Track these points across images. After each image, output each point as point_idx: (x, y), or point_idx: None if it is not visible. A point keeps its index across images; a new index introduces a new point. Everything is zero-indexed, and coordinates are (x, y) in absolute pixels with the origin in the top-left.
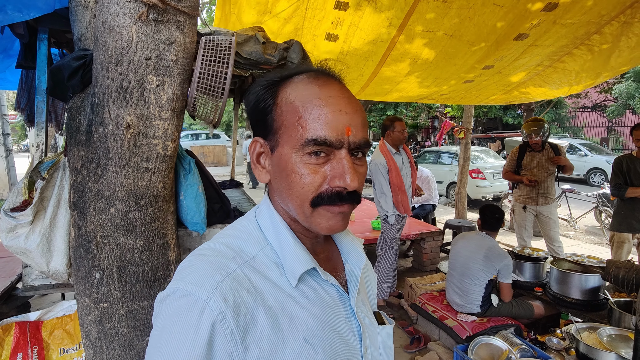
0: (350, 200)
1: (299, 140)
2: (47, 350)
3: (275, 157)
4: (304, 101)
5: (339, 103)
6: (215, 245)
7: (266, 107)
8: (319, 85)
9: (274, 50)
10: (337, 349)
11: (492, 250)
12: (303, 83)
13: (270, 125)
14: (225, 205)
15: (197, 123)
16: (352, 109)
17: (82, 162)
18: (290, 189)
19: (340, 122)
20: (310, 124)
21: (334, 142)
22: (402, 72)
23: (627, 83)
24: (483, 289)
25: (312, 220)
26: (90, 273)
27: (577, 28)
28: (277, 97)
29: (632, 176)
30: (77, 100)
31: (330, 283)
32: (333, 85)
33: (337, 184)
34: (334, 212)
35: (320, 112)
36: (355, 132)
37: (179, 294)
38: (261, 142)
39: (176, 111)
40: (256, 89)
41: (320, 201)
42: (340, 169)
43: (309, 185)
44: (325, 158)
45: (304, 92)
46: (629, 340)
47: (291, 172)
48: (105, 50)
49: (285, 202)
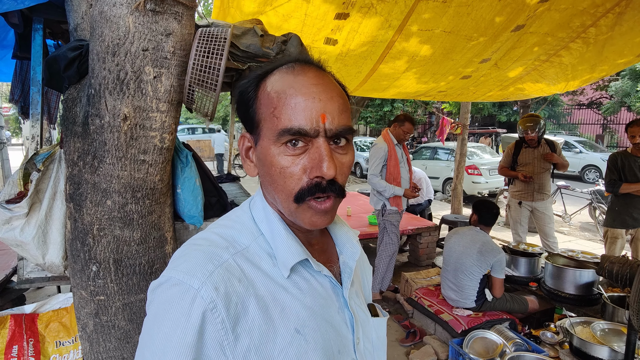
0: (331, 192)
1: (275, 130)
2: (43, 342)
3: (258, 150)
4: (278, 91)
5: (313, 90)
6: (209, 235)
7: (248, 101)
8: (294, 74)
9: (272, 43)
10: (329, 340)
11: (486, 245)
12: (280, 74)
13: (253, 119)
14: (222, 199)
15: (193, 117)
16: (326, 96)
17: (79, 154)
18: (273, 182)
19: (314, 110)
20: (284, 113)
21: (308, 131)
22: (400, 69)
23: (622, 81)
24: (477, 283)
25: (297, 216)
26: (87, 266)
27: (571, 16)
28: (259, 90)
29: (626, 172)
30: (73, 92)
31: (323, 274)
32: (308, 72)
33: (315, 174)
34: (317, 210)
35: (294, 101)
36: (331, 118)
37: (170, 283)
38: (248, 137)
39: (173, 103)
40: (242, 83)
41: (302, 196)
42: (317, 157)
43: (289, 178)
44: (303, 148)
45: (279, 83)
46: (622, 334)
47: (271, 165)
48: (102, 40)
49: (272, 195)
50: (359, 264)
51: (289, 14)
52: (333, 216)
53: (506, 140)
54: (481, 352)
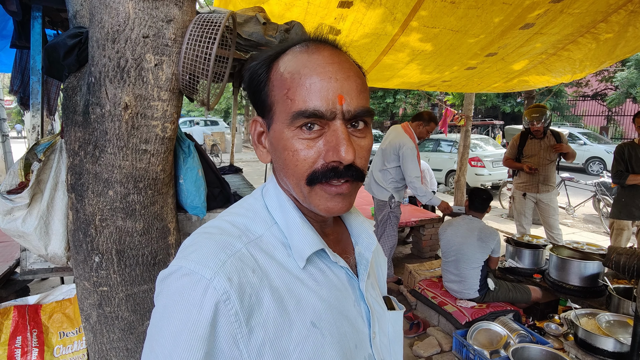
0: (348, 176)
1: (288, 113)
2: (47, 333)
3: (271, 134)
4: (292, 72)
5: (329, 70)
6: (221, 223)
7: (259, 84)
8: (308, 53)
9: (275, 32)
10: (346, 334)
11: (484, 230)
12: (293, 54)
13: (264, 102)
14: (225, 190)
15: (195, 109)
16: (343, 75)
17: (79, 143)
18: (285, 166)
19: (330, 90)
20: (299, 95)
21: (324, 113)
22: (404, 60)
23: (629, 71)
24: (479, 272)
25: (311, 200)
26: (90, 256)
27: (583, 17)
28: (271, 72)
29: (633, 163)
30: (73, 80)
31: (339, 265)
32: (323, 51)
33: (332, 158)
34: (332, 193)
35: (309, 81)
36: (349, 99)
37: (181, 272)
38: (260, 121)
39: (175, 92)
40: (251, 65)
41: (315, 178)
42: (334, 141)
43: (302, 161)
44: (319, 131)
45: (293, 63)
46: (628, 326)
47: (284, 149)
48: (102, 27)
49: (284, 181)
50: (374, 255)
51: (291, 2)
52: (351, 202)
53: (510, 132)
54: (485, 344)
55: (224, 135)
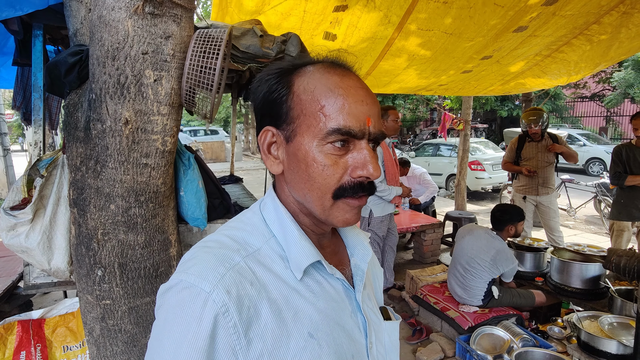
0: (369, 191)
1: (322, 129)
2: (50, 348)
3: (293, 147)
4: (324, 90)
5: (360, 94)
6: (219, 238)
7: (280, 96)
8: (339, 75)
9: (272, 44)
10: (342, 344)
11: (501, 254)
12: (321, 72)
13: (285, 114)
14: (225, 200)
15: (194, 119)
16: (371, 100)
17: (81, 159)
18: (310, 179)
19: (362, 113)
20: (334, 113)
21: (357, 132)
22: (401, 66)
23: (626, 71)
24: (485, 285)
25: (330, 213)
26: (92, 270)
27: (576, 19)
28: (293, 86)
29: (631, 164)
30: (75, 97)
31: (335, 277)
32: (352, 76)
33: (360, 173)
34: (353, 206)
35: (344, 101)
36: (374, 122)
37: (181, 286)
38: (273, 131)
39: (174, 106)
40: (267, 78)
41: (342, 193)
42: (362, 158)
43: (330, 176)
44: (346, 149)
45: (324, 81)
46: (630, 327)
47: (312, 162)
48: (102, 45)
49: (301, 193)
50: (370, 266)
51: (287, 12)
52: (360, 215)
53: (509, 135)
54: (488, 349)
55: (224, 144)
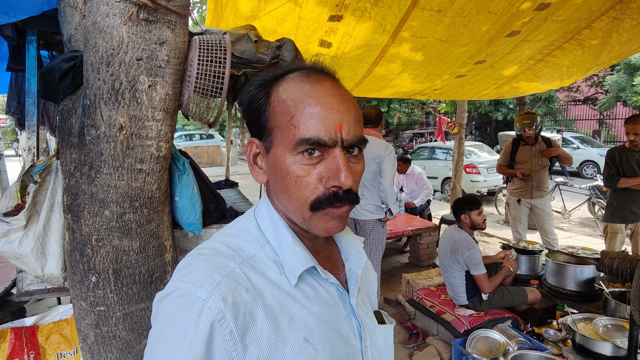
0: (347, 201)
1: (292, 140)
2: (44, 355)
3: (270, 158)
4: (295, 100)
5: (331, 101)
6: (214, 245)
7: (259, 108)
8: (310, 83)
9: (267, 49)
10: (338, 348)
11: (456, 243)
12: (295, 81)
13: (264, 126)
14: (220, 205)
15: (190, 124)
16: (344, 107)
17: (75, 164)
18: (287, 190)
19: (332, 120)
20: (303, 123)
21: (327, 141)
22: (396, 71)
23: (618, 75)
24: (463, 281)
25: (311, 223)
26: (86, 276)
27: (567, 24)
28: (270, 96)
29: (624, 167)
30: (69, 103)
31: (330, 282)
32: (325, 82)
33: (332, 183)
34: (333, 215)
35: (312, 110)
36: (347, 129)
37: (177, 294)
38: (257, 142)
39: (169, 112)
40: (249, 88)
41: (319, 205)
42: (334, 167)
43: (305, 187)
44: (319, 157)
45: (295, 91)
46: (624, 329)
47: (286, 174)
48: (96, 51)
49: (283, 203)
50: (364, 271)
51: (282, 18)
52: (346, 222)
53: (504, 138)
54: (484, 352)
55: (220, 149)
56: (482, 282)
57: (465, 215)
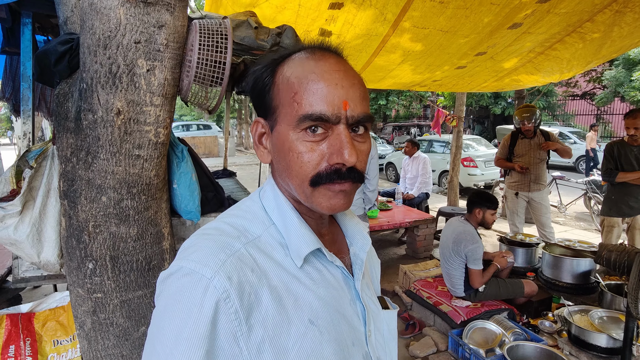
0: (350, 178)
1: (295, 116)
2: (40, 342)
3: (274, 136)
4: (299, 77)
5: (335, 77)
6: (219, 225)
7: (265, 87)
8: (315, 60)
9: (267, 36)
10: (342, 332)
11: (461, 235)
12: (300, 59)
13: (269, 105)
14: (219, 194)
15: (188, 114)
16: (348, 83)
17: (72, 149)
18: (288, 168)
19: (336, 96)
20: (306, 99)
21: (330, 117)
22: (396, 61)
23: (617, 70)
24: (462, 273)
25: (313, 200)
26: (83, 263)
27: (570, 16)
28: (275, 75)
29: (622, 161)
30: (65, 86)
31: (335, 265)
32: (329, 59)
33: (335, 160)
34: (335, 191)
35: (316, 86)
36: (353, 106)
37: (182, 272)
38: (262, 122)
39: (168, 97)
40: (256, 69)
41: (319, 180)
42: (338, 144)
43: (306, 164)
44: (323, 135)
45: (299, 68)
46: (620, 321)
47: (288, 151)
48: (93, 33)
49: (285, 182)
50: (368, 256)
51: (282, 5)
52: (351, 201)
53: (502, 132)
54: (480, 343)
55: (217, 139)
56: (475, 276)
57: (480, 210)
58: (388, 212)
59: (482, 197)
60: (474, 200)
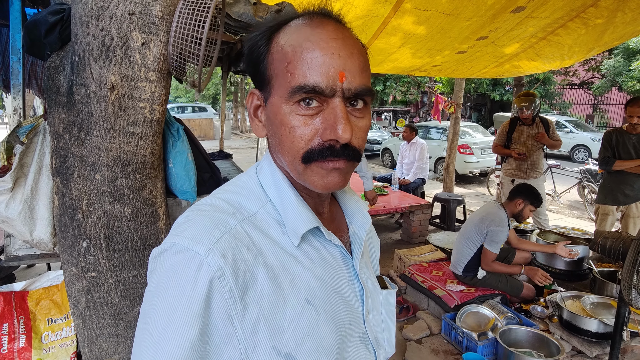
0: (344, 156)
1: (288, 87)
2: (34, 320)
3: (268, 108)
4: (293, 45)
5: (332, 45)
6: (214, 201)
7: (260, 55)
8: (311, 27)
9: (266, 13)
10: (340, 311)
11: (491, 215)
12: (296, 26)
13: (263, 75)
14: (215, 175)
15: (183, 95)
16: (347, 52)
17: (64, 125)
18: (280, 142)
19: (332, 67)
20: (299, 69)
21: (324, 89)
22: (396, 44)
23: (616, 59)
24: (472, 253)
25: (306, 178)
26: (77, 242)
27: (574, 1)
28: (271, 43)
29: (620, 150)
30: (56, 59)
31: (333, 243)
32: (327, 25)
33: (329, 136)
34: (328, 169)
35: (311, 55)
36: (350, 77)
37: (175, 249)
38: (257, 94)
39: (163, 73)
40: (252, 36)
41: (311, 156)
42: (332, 119)
43: (298, 139)
44: (318, 108)
45: (295, 35)
46: (611, 307)
47: (280, 124)
48: (85, 3)
49: (278, 157)
50: (368, 235)
51: None
52: (347, 179)
53: (499, 119)
54: (473, 326)
55: (213, 122)
56: (487, 257)
57: (523, 202)
58: (384, 197)
59: (530, 191)
60: (521, 190)
